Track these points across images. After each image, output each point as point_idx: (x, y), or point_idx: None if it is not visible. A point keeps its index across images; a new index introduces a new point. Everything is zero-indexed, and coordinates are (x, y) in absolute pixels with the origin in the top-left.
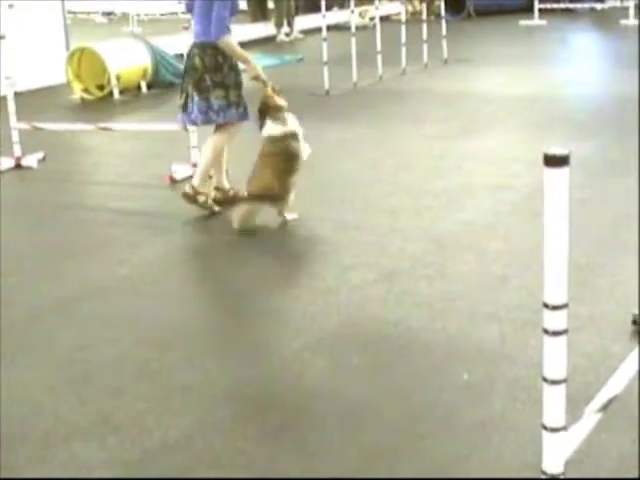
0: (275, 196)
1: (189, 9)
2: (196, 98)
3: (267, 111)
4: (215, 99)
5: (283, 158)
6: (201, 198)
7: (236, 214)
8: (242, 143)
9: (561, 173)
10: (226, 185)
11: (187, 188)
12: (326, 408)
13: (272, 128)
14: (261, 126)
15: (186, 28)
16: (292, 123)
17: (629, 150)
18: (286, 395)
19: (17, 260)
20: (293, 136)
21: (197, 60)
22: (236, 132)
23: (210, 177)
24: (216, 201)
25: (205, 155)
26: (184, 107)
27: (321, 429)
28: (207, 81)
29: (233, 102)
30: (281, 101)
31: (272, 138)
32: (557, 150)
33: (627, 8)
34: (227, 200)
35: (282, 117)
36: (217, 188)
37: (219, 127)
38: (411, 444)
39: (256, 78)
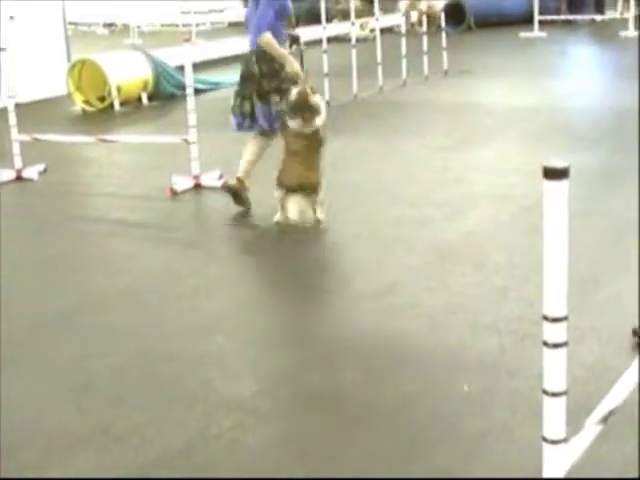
0: (315, 186)
1: (246, 25)
2: (259, 104)
3: (303, 109)
4: (274, 105)
5: (315, 152)
6: (228, 181)
7: (290, 209)
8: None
9: (560, 186)
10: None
11: (226, 180)
12: (326, 420)
13: (303, 126)
14: (292, 119)
15: (187, 40)
16: (319, 120)
17: (629, 162)
18: (287, 406)
19: (18, 271)
20: (320, 129)
21: (255, 67)
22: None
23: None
24: (226, 187)
25: (246, 157)
26: (251, 113)
27: (322, 439)
28: (264, 87)
29: (280, 107)
30: (316, 100)
31: (302, 135)
32: (556, 163)
33: (627, 20)
34: (235, 193)
35: (314, 118)
36: (238, 178)
37: (261, 133)
38: (411, 456)
39: (294, 76)
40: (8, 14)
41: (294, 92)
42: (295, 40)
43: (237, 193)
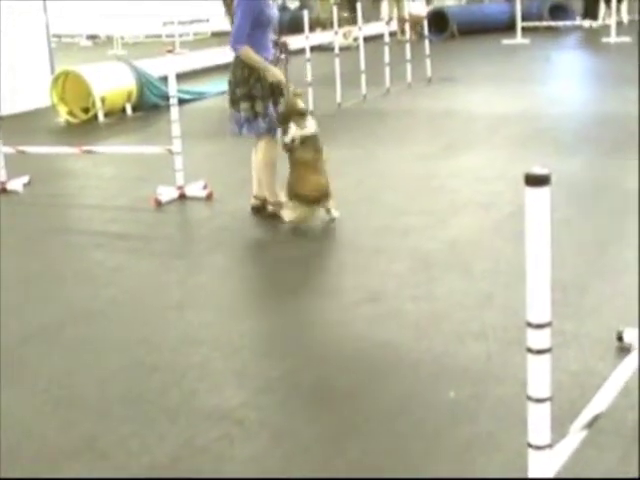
0: (328, 193)
1: None
2: (231, 110)
3: (292, 116)
4: (243, 111)
5: (318, 156)
6: (270, 207)
7: (296, 216)
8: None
9: (542, 193)
10: (265, 194)
11: (254, 201)
12: (312, 429)
13: (300, 130)
14: (285, 130)
15: (170, 51)
16: (311, 124)
17: (611, 168)
18: (273, 417)
19: (2, 284)
20: (317, 135)
21: (231, 74)
22: (276, 142)
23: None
24: (254, 208)
25: (260, 173)
26: (230, 117)
27: (309, 450)
28: (237, 94)
29: (259, 113)
30: (303, 105)
31: (303, 138)
32: (538, 170)
33: (609, 26)
34: (264, 209)
35: (304, 121)
36: (256, 197)
37: (258, 140)
38: (400, 463)
39: (277, 85)
40: None
41: (283, 104)
42: (283, 47)
43: (261, 211)
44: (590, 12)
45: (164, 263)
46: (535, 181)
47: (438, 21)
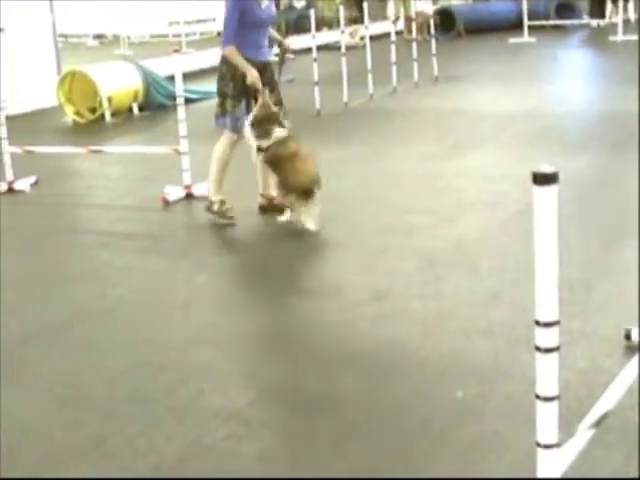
0: (319, 180)
1: None
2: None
3: (269, 121)
4: (215, 106)
5: (299, 148)
6: (214, 206)
7: (310, 216)
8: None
9: (550, 191)
10: (272, 193)
11: (260, 200)
12: (320, 428)
13: (278, 133)
14: (259, 135)
15: (176, 50)
16: (286, 128)
17: (618, 166)
18: (279, 416)
19: (9, 284)
20: (292, 134)
21: (219, 70)
22: (236, 142)
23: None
24: (261, 208)
25: (211, 164)
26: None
27: (315, 449)
28: (215, 88)
29: (227, 111)
30: (275, 110)
31: (281, 140)
32: (545, 168)
33: (616, 24)
34: (272, 207)
35: (275, 127)
36: (263, 195)
37: (223, 135)
38: (405, 463)
39: (253, 86)
40: None
41: (256, 108)
42: (282, 48)
43: (208, 210)
44: (596, 11)
45: (171, 263)
46: (543, 179)
47: (445, 20)
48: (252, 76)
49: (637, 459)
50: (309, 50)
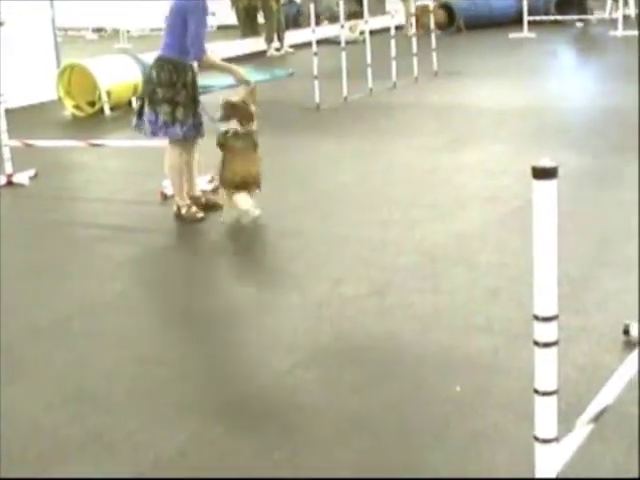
0: (258, 182)
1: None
2: (146, 109)
3: (239, 114)
4: (162, 114)
5: (252, 150)
6: (182, 210)
7: (241, 204)
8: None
9: (549, 185)
10: (197, 193)
11: (174, 207)
12: (320, 423)
13: (238, 126)
14: (223, 118)
15: None
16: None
17: (618, 162)
18: (280, 410)
19: (9, 278)
20: (254, 133)
21: (154, 73)
22: (190, 148)
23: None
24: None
25: (168, 175)
26: (139, 114)
27: (315, 444)
28: (158, 95)
29: (178, 119)
30: (253, 109)
31: (239, 135)
32: (545, 163)
33: (615, 20)
34: (208, 206)
35: (250, 122)
36: (191, 198)
37: (170, 144)
38: (404, 458)
39: (242, 82)
40: None
41: (235, 98)
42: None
43: (178, 216)
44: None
45: (171, 256)
46: (542, 174)
47: (445, 15)
48: (239, 72)
49: (636, 454)
50: (309, 44)
